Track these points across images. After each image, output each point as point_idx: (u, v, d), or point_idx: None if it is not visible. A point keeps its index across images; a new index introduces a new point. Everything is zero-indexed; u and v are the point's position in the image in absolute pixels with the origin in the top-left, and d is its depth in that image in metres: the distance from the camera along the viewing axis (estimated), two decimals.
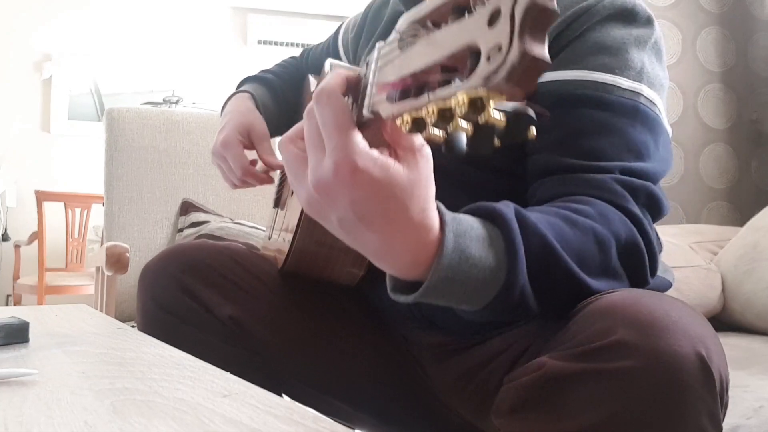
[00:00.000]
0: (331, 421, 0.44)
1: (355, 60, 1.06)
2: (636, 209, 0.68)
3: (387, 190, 0.48)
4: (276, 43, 4.68)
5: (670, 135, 0.77)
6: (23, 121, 4.27)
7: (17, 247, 3.93)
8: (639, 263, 0.67)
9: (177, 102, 4.44)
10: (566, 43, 0.74)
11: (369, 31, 1.02)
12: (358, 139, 0.48)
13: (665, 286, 0.79)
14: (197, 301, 0.85)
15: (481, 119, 0.37)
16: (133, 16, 4.45)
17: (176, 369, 0.59)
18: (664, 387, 0.51)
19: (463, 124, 0.39)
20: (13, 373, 0.54)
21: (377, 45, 0.49)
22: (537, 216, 0.60)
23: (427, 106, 0.40)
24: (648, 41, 0.75)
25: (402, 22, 0.45)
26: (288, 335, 0.87)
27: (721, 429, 0.54)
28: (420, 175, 0.50)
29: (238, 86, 1.13)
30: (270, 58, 1.23)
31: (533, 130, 0.41)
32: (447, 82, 0.39)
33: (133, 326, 0.87)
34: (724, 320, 1.62)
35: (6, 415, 0.45)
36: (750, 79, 2.20)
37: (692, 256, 1.69)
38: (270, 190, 1.17)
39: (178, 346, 0.71)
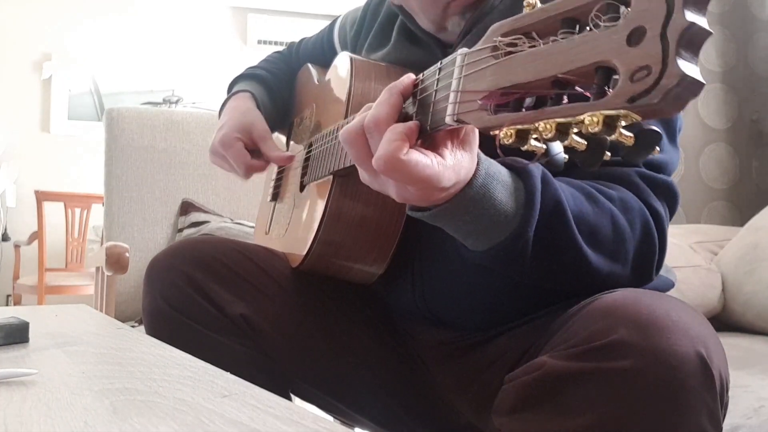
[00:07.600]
0: (331, 420, 0.44)
1: None
2: (657, 204, 0.70)
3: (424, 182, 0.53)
4: (276, 43, 4.67)
5: (682, 126, 0.78)
6: (23, 121, 4.27)
7: (17, 247, 3.93)
8: (649, 257, 0.69)
9: (177, 102, 4.44)
10: None
11: (367, 29, 1.02)
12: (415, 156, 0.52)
13: (667, 285, 0.79)
14: (208, 299, 0.84)
15: (611, 137, 0.37)
16: (133, 16, 4.45)
17: (176, 369, 0.59)
18: (664, 386, 0.51)
19: (578, 139, 0.38)
20: (13, 373, 0.54)
21: (460, 51, 0.49)
22: (561, 184, 0.64)
23: (543, 121, 0.39)
24: None
25: (496, 30, 0.44)
26: (298, 336, 0.86)
27: (721, 429, 0.55)
28: (461, 159, 0.55)
29: (231, 85, 1.13)
30: None
31: (658, 148, 0.39)
32: (559, 97, 0.39)
33: (133, 326, 0.86)
34: (724, 320, 1.62)
35: (6, 414, 0.45)
36: (750, 79, 2.19)
37: (692, 256, 1.69)
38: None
39: (186, 345, 0.69)
